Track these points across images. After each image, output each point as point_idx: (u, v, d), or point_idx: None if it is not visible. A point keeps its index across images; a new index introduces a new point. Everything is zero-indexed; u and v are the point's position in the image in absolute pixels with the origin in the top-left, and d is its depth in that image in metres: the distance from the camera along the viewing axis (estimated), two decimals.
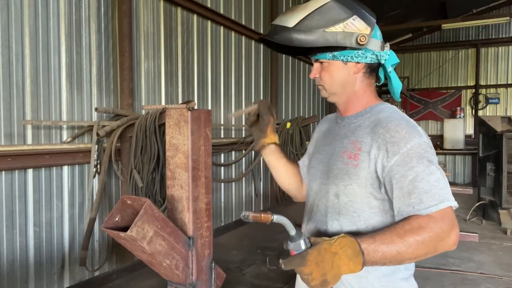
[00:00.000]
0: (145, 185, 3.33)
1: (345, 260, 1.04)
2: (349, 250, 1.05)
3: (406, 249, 1.07)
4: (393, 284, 1.25)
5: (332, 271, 1.04)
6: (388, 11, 9.57)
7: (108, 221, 1.16)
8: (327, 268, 1.03)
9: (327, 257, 1.03)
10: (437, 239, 1.08)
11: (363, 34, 1.20)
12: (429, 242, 1.07)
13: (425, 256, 1.10)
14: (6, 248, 2.66)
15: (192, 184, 1.30)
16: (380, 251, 1.06)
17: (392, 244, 1.07)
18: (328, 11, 1.20)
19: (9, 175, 2.68)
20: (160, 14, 3.92)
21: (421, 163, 1.12)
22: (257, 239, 2.70)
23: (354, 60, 1.25)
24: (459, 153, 11.67)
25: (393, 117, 1.22)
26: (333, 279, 1.05)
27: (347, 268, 1.05)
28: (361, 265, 1.05)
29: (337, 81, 1.28)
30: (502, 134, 6.81)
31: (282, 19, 1.24)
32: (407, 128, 1.17)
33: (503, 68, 11.88)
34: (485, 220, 7.28)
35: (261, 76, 5.88)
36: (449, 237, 1.09)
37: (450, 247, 1.11)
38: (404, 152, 1.13)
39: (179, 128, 1.31)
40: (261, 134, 1.48)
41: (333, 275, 1.04)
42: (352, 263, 1.04)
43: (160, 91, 3.97)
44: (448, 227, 1.09)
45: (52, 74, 2.93)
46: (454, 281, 4.61)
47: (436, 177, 1.12)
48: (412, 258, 1.09)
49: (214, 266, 1.42)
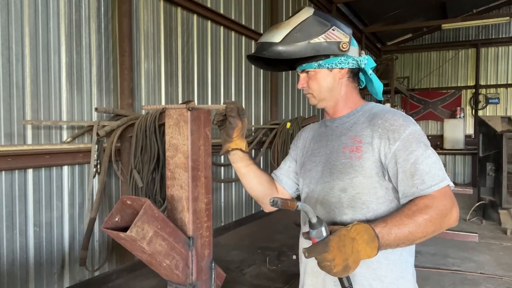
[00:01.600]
0: (145, 185, 3.33)
1: (362, 245, 1.10)
2: (365, 235, 1.11)
3: (416, 229, 1.14)
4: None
5: (352, 256, 1.09)
6: (388, 11, 9.57)
7: (108, 222, 1.16)
8: (349, 253, 1.08)
9: (347, 243, 1.09)
10: (442, 215, 1.16)
11: (343, 41, 1.31)
12: (436, 219, 1.16)
13: (433, 234, 1.18)
14: (6, 248, 2.66)
15: (192, 184, 1.30)
16: (393, 233, 1.13)
17: (403, 225, 1.13)
18: (309, 25, 1.31)
19: (9, 175, 2.68)
20: (160, 14, 3.93)
21: (420, 147, 1.22)
22: (257, 239, 2.70)
23: (338, 66, 1.35)
24: (459, 153, 11.67)
25: (386, 110, 1.34)
26: (354, 264, 1.09)
27: (365, 253, 1.10)
28: (377, 249, 1.11)
29: (324, 87, 1.37)
30: (502, 134, 6.81)
31: (267, 36, 1.33)
32: (403, 117, 1.28)
33: (503, 68, 11.87)
34: (485, 220, 7.28)
35: (261, 76, 5.88)
36: (452, 213, 1.18)
37: (453, 222, 1.19)
38: (404, 137, 1.23)
39: (179, 128, 1.30)
40: (227, 138, 1.44)
41: (353, 260, 1.09)
42: (369, 248, 1.10)
43: (160, 91, 3.97)
44: (450, 204, 1.18)
45: (52, 74, 2.93)
46: (454, 281, 4.60)
47: (433, 160, 1.22)
48: (422, 236, 1.16)
49: (214, 266, 1.42)
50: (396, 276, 1.29)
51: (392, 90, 8.88)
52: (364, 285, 1.28)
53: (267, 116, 6.04)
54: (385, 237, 1.12)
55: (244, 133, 1.46)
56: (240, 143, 1.44)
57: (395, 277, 1.29)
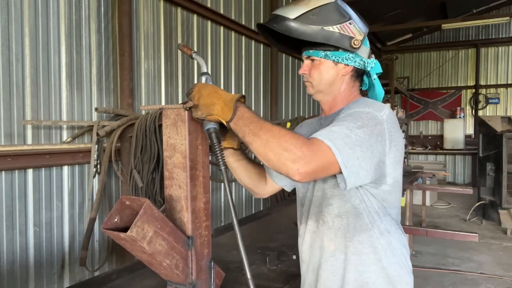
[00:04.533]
0: (145, 185, 3.33)
1: (221, 100, 1.16)
2: (228, 97, 1.17)
3: (271, 134, 1.08)
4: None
5: (205, 98, 1.17)
6: (388, 11, 9.57)
7: (107, 222, 1.16)
8: (204, 94, 1.18)
9: (208, 88, 1.19)
10: (290, 149, 1.05)
11: (357, 38, 1.29)
12: (284, 143, 1.06)
13: (270, 154, 1.09)
14: (6, 248, 2.66)
15: (190, 183, 1.30)
16: (253, 118, 1.13)
17: (265, 124, 1.12)
18: (328, 11, 1.27)
19: (9, 175, 2.68)
20: (160, 14, 3.93)
21: (351, 121, 1.15)
22: (257, 239, 2.70)
23: (344, 62, 1.32)
24: (459, 153, 11.67)
25: (364, 100, 1.33)
26: (203, 107, 1.17)
27: (220, 109, 1.15)
28: (230, 114, 1.13)
29: (325, 79, 1.35)
30: (502, 134, 6.81)
31: (283, 10, 1.29)
32: (365, 102, 1.29)
33: (503, 68, 11.87)
34: (485, 220, 7.28)
35: (261, 76, 5.89)
36: (299, 161, 1.04)
37: (293, 172, 1.05)
38: (349, 112, 1.21)
39: (177, 128, 1.30)
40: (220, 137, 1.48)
41: (204, 103, 1.17)
42: (226, 108, 1.15)
43: (160, 91, 3.97)
44: (307, 154, 1.04)
45: (52, 74, 2.94)
46: (454, 281, 4.61)
47: (349, 131, 1.11)
48: (261, 144, 1.10)
49: (213, 265, 1.42)
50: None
51: (392, 90, 8.88)
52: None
53: (267, 116, 6.04)
54: (243, 112, 1.14)
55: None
56: (231, 142, 1.48)
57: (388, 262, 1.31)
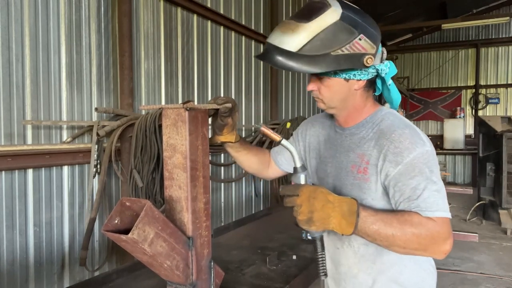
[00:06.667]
0: (145, 185, 3.33)
1: (337, 213, 1.06)
2: (346, 207, 1.07)
3: (400, 236, 1.08)
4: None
5: (320, 213, 1.05)
6: (388, 11, 9.57)
7: (108, 224, 1.16)
8: (317, 207, 1.05)
9: (320, 197, 1.06)
10: (432, 240, 1.10)
11: (370, 55, 1.15)
12: (424, 239, 1.09)
13: (413, 252, 1.12)
14: (6, 248, 2.66)
15: (190, 184, 1.30)
16: (377, 227, 1.08)
17: (390, 225, 1.08)
18: (334, 32, 1.11)
19: (9, 175, 2.68)
20: (160, 14, 3.93)
21: (423, 173, 1.13)
22: (257, 239, 2.70)
23: (356, 77, 1.21)
24: (459, 153, 11.67)
25: (395, 125, 1.21)
26: (318, 222, 1.06)
27: (337, 222, 1.06)
28: (353, 227, 1.06)
29: (337, 97, 1.25)
30: (502, 134, 6.81)
31: (282, 39, 1.13)
32: (410, 137, 1.16)
33: (503, 68, 11.87)
34: (485, 220, 7.28)
35: (261, 76, 5.88)
36: (444, 244, 1.11)
37: (440, 254, 1.12)
38: (407, 162, 1.13)
39: (177, 128, 1.30)
40: (217, 131, 1.47)
41: (320, 218, 1.06)
42: (345, 221, 1.06)
43: (160, 91, 3.97)
44: (445, 235, 1.10)
45: (52, 74, 2.93)
46: (454, 281, 4.61)
47: (437, 187, 1.13)
48: (401, 246, 1.10)
49: (213, 265, 1.42)
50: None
51: None
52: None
53: (267, 116, 6.04)
54: (367, 224, 1.08)
55: (234, 127, 1.48)
56: (229, 136, 1.47)
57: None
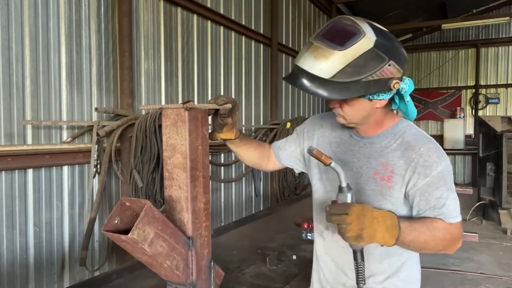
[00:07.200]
0: (145, 185, 3.33)
1: (382, 227, 1.14)
2: (389, 221, 1.15)
3: (430, 241, 1.23)
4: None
5: (369, 229, 1.12)
6: (388, 11, 9.56)
7: (108, 224, 1.16)
8: (366, 224, 1.11)
9: (368, 215, 1.12)
10: (452, 242, 1.29)
11: (396, 79, 1.18)
12: (447, 241, 1.27)
13: (436, 252, 1.30)
14: (6, 248, 2.66)
15: (190, 184, 1.30)
16: (412, 235, 1.19)
17: (422, 234, 1.22)
18: (366, 59, 1.13)
19: (9, 175, 2.68)
20: (160, 14, 3.93)
21: (446, 184, 1.28)
22: (257, 239, 2.70)
23: (379, 97, 1.24)
24: (459, 153, 11.67)
25: (420, 139, 1.30)
26: (367, 238, 1.13)
27: (382, 236, 1.14)
28: (395, 239, 1.16)
29: (359, 115, 1.29)
30: (502, 134, 6.80)
31: (314, 65, 1.14)
32: (437, 152, 1.28)
33: (503, 68, 11.86)
34: (485, 220, 7.28)
35: (261, 76, 5.88)
36: (458, 243, 1.31)
37: (453, 251, 1.32)
38: (435, 174, 1.25)
39: (177, 128, 1.30)
40: (217, 129, 1.48)
41: (368, 234, 1.12)
42: (388, 234, 1.15)
43: (160, 91, 3.97)
44: (459, 236, 1.30)
45: (52, 74, 2.93)
46: (454, 281, 4.60)
47: (455, 195, 1.30)
48: (431, 250, 1.27)
49: (213, 265, 1.42)
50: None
51: None
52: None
53: (267, 116, 6.04)
54: (405, 234, 1.17)
55: (234, 125, 1.48)
56: (229, 134, 1.49)
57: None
